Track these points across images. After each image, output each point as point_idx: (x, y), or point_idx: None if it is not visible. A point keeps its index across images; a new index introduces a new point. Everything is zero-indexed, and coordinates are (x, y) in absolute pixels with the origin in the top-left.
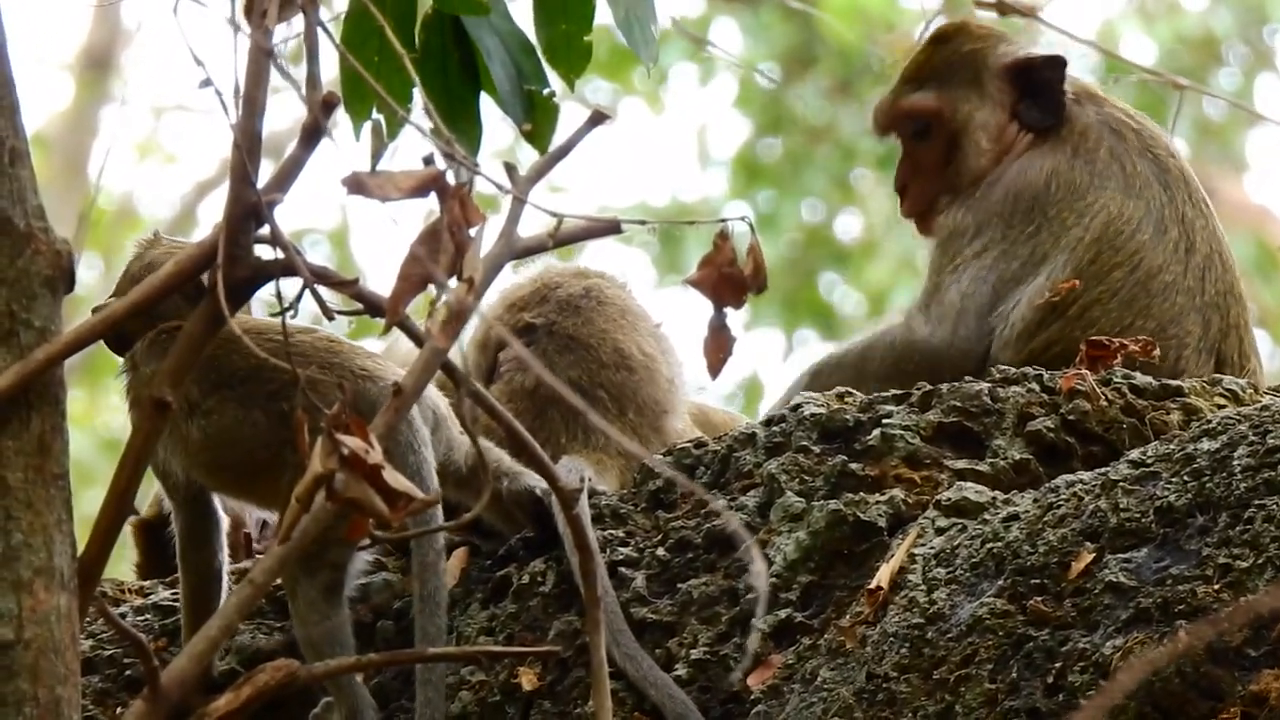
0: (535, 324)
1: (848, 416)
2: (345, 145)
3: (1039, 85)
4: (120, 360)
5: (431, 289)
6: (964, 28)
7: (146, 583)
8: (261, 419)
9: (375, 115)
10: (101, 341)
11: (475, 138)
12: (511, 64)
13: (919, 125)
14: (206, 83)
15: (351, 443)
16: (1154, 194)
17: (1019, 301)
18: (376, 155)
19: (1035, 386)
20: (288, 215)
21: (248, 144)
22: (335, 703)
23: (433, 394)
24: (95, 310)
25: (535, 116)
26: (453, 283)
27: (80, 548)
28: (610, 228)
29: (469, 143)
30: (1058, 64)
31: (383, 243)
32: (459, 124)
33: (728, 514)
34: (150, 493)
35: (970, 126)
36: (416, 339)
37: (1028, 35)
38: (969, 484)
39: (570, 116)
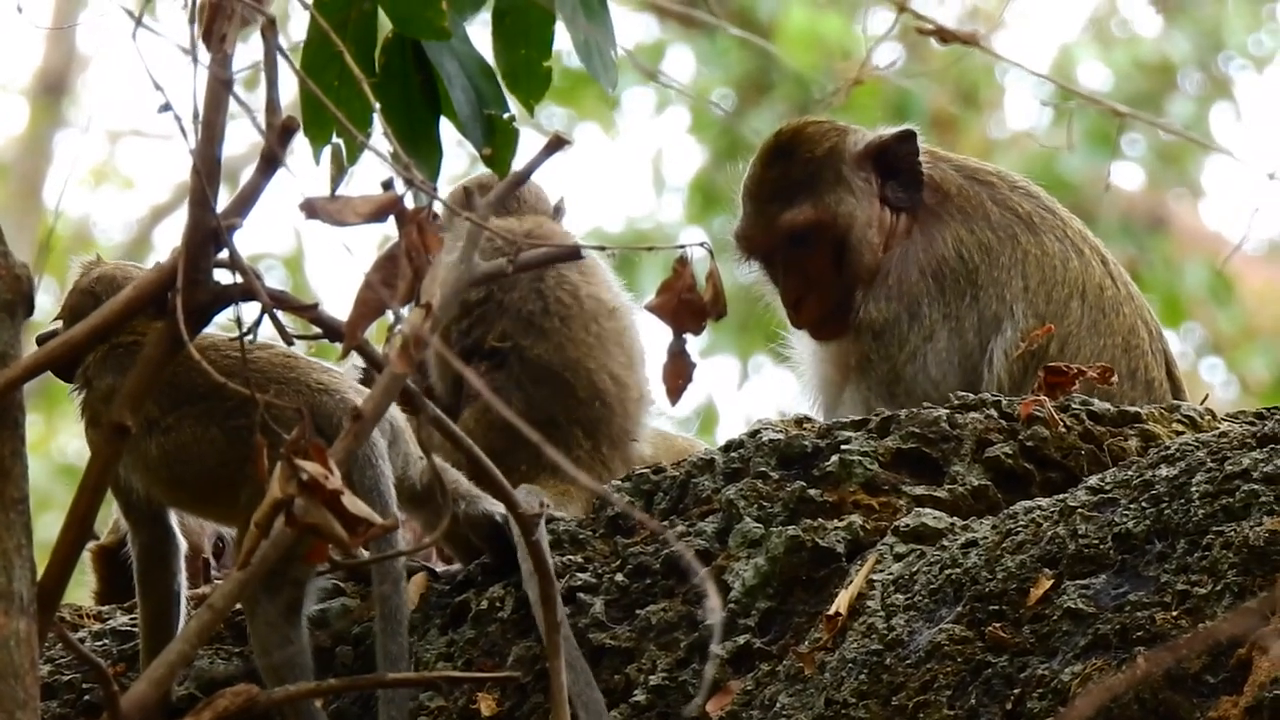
0: (501, 348)
1: (806, 443)
2: (304, 170)
3: (896, 164)
4: (70, 383)
5: (390, 314)
6: (801, 134)
7: (105, 608)
8: (220, 436)
9: (335, 140)
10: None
11: (435, 162)
12: (471, 88)
13: (799, 237)
14: (165, 108)
15: (310, 468)
16: (1052, 223)
17: (994, 360)
18: (336, 180)
19: (994, 413)
20: (244, 240)
21: (207, 169)
22: None
23: (390, 409)
24: (39, 339)
25: (495, 141)
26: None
27: (39, 573)
28: (569, 253)
29: (428, 167)
30: (910, 137)
31: (338, 268)
32: (419, 148)
33: (680, 546)
34: (109, 518)
35: (856, 225)
36: (375, 364)
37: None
38: (927, 510)
39: (528, 142)
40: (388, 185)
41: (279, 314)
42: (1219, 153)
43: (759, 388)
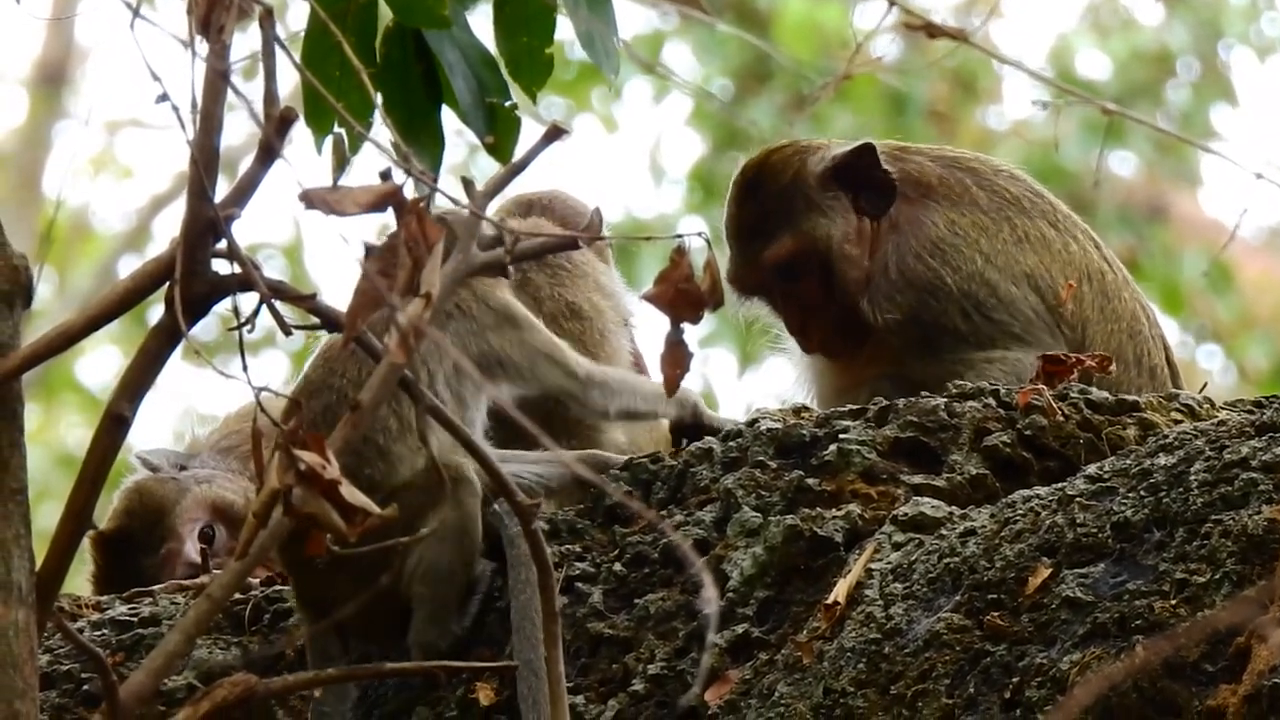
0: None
1: (804, 432)
2: (305, 160)
3: (861, 176)
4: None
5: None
6: (764, 166)
7: (104, 598)
8: None
9: (337, 130)
10: (57, 356)
11: (437, 153)
12: (473, 77)
13: (785, 269)
14: (163, 98)
15: (308, 458)
16: (1044, 207)
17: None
18: (338, 171)
19: (992, 401)
20: (243, 230)
21: (205, 160)
22: None
23: None
24: None
25: (497, 129)
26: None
27: (38, 562)
28: (567, 243)
29: (430, 158)
30: (868, 151)
31: (338, 258)
32: (420, 139)
33: (676, 536)
34: (109, 506)
35: (834, 244)
36: (374, 355)
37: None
38: (926, 499)
39: (526, 132)
40: (386, 175)
41: (277, 304)
42: (1206, 151)
43: (759, 377)
